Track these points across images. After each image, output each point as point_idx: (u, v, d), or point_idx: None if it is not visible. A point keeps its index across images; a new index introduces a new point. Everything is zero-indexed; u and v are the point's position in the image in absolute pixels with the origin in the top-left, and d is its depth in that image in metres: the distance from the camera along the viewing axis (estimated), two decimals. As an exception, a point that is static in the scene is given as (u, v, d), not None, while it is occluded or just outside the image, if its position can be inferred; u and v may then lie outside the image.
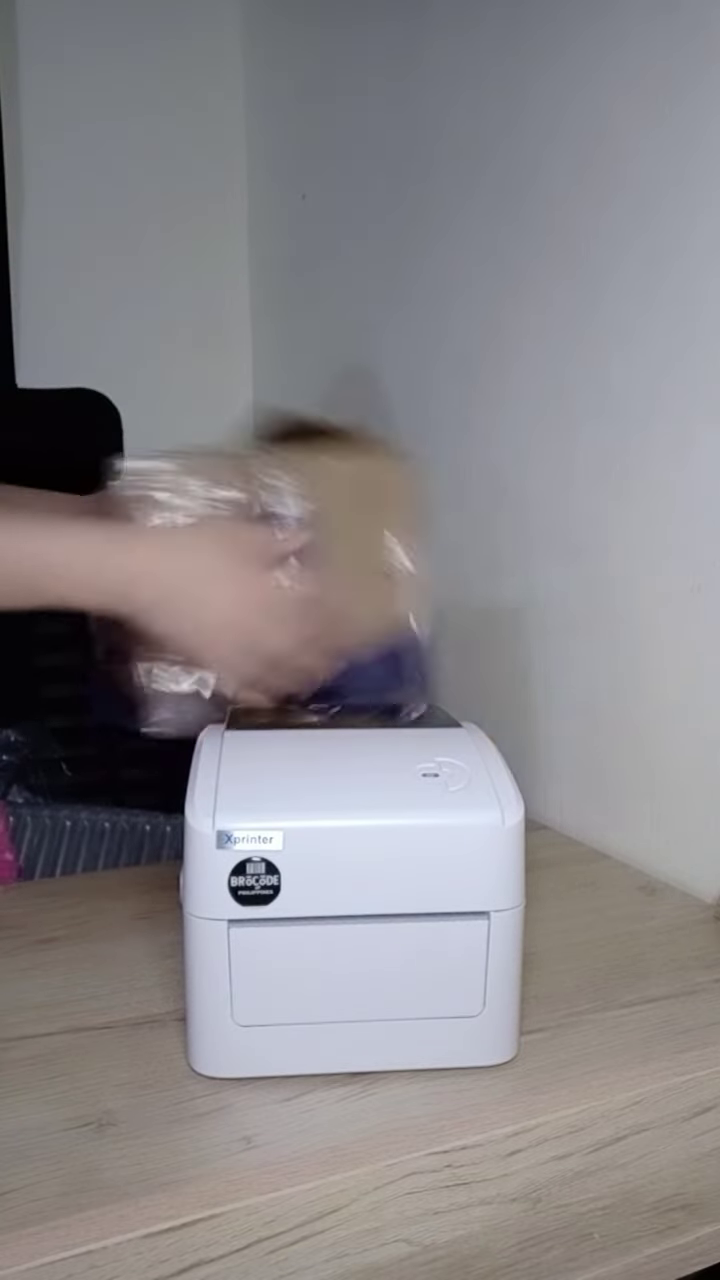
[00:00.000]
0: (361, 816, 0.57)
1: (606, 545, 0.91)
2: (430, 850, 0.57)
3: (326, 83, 1.26)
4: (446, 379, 1.10)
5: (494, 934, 0.57)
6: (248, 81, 1.42)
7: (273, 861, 0.55)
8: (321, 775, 0.61)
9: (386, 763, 0.62)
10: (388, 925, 0.57)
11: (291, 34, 1.33)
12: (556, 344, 0.95)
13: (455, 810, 0.58)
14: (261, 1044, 0.58)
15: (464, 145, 1.04)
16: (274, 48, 1.37)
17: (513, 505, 1.02)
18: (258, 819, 0.56)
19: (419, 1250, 0.54)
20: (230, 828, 0.56)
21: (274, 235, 1.41)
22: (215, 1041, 0.58)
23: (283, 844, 0.56)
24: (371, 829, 0.57)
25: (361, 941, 0.57)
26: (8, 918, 0.78)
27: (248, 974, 0.57)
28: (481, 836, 0.57)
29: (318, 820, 0.57)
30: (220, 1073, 0.58)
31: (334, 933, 0.57)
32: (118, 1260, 0.47)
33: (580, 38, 0.89)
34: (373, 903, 0.57)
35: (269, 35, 1.37)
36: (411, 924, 0.57)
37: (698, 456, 0.81)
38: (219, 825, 0.56)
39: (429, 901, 0.57)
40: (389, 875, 0.57)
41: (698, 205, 0.79)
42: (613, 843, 0.92)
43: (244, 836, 0.56)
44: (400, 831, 0.57)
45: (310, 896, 0.56)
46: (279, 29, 1.35)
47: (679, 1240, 0.58)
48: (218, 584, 0.67)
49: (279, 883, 0.56)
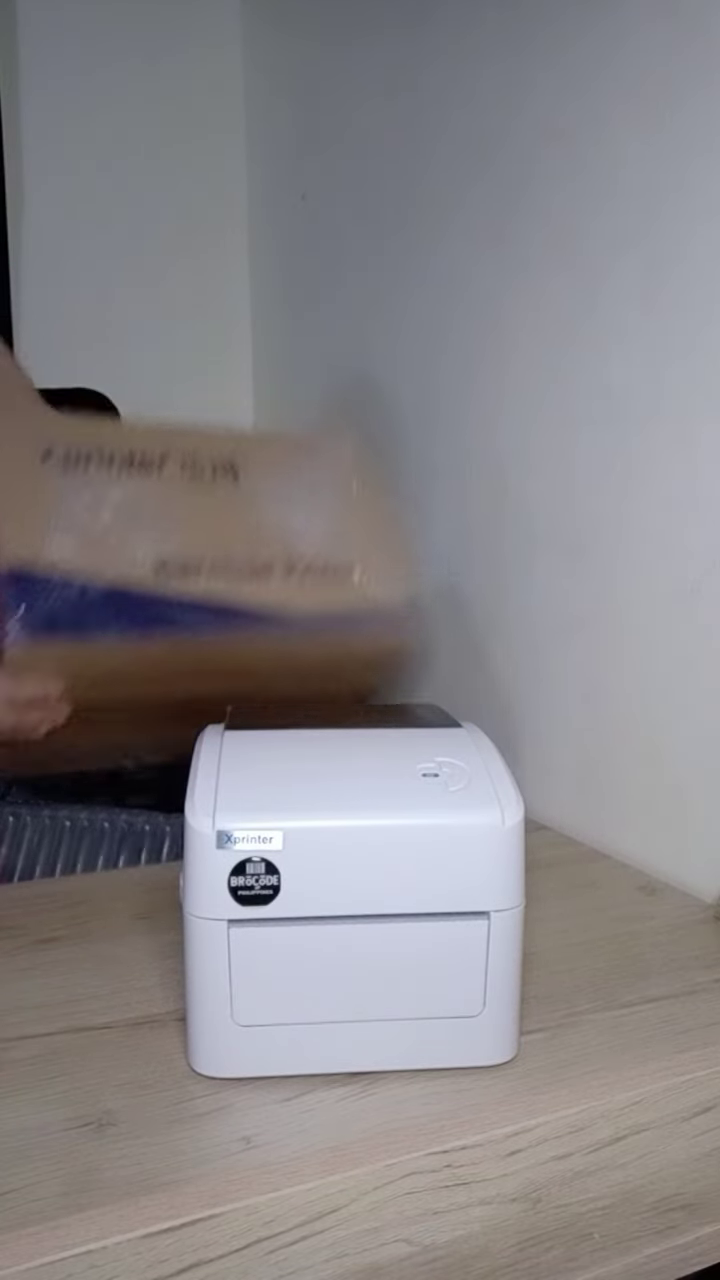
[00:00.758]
0: (361, 816, 0.57)
1: (606, 545, 0.91)
2: (430, 850, 0.57)
3: (326, 84, 1.26)
4: (446, 378, 1.10)
5: (494, 934, 0.57)
6: (247, 82, 1.42)
7: (272, 861, 0.55)
8: (321, 775, 0.61)
9: (386, 763, 0.62)
10: (388, 925, 0.57)
11: (291, 35, 1.33)
12: (557, 343, 0.95)
13: (455, 810, 0.58)
14: (261, 1044, 0.58)
15: (464, 145, 1.04)
16: (274, 48, 1.37)
17: (513, 504, 1.02)
18: (258, 819, 0.56)
19: (419, 1250, 0.54)
20: (230, 828, 0.56)
21: (274, 235, 1.41)
22: (215, 1041, 0.58)
23: (283, 844, 0.56)
24: (371, 829, 0.57)
25: (361, 941, 0.57)
26: (8, 918, 0.78)
27: (248, 974, 0.57)
28: (481, 836, 0.57)
29: (318, 820, 0.57)
30: (220, 1073, 0.58)
31: (334, 933, 0.57)
32: (117, 1260, 0.47)
33: (579, 38, 0.89)
34: (373, 903, 0.57)
35: (269, 36, 1.37)
36: (411, 924, 0.57)
37: (698, 456, 0.81)
38: (219, 825, 0.56)
39: (429, 901, 0.57)
40: (389, 875, 0.57)
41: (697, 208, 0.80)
42: (613, 843, 0.92)
43: (244, 836, 0.56)
44: (400, 831, 0.57)
45: (310, 896, 0.56)
46: (279, 30, 1.35)
47: (679, 1240, 0.58)
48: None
49: (279, 883, 0.56)
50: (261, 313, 1.47)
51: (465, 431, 1.08)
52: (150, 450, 0.85)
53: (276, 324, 1.44)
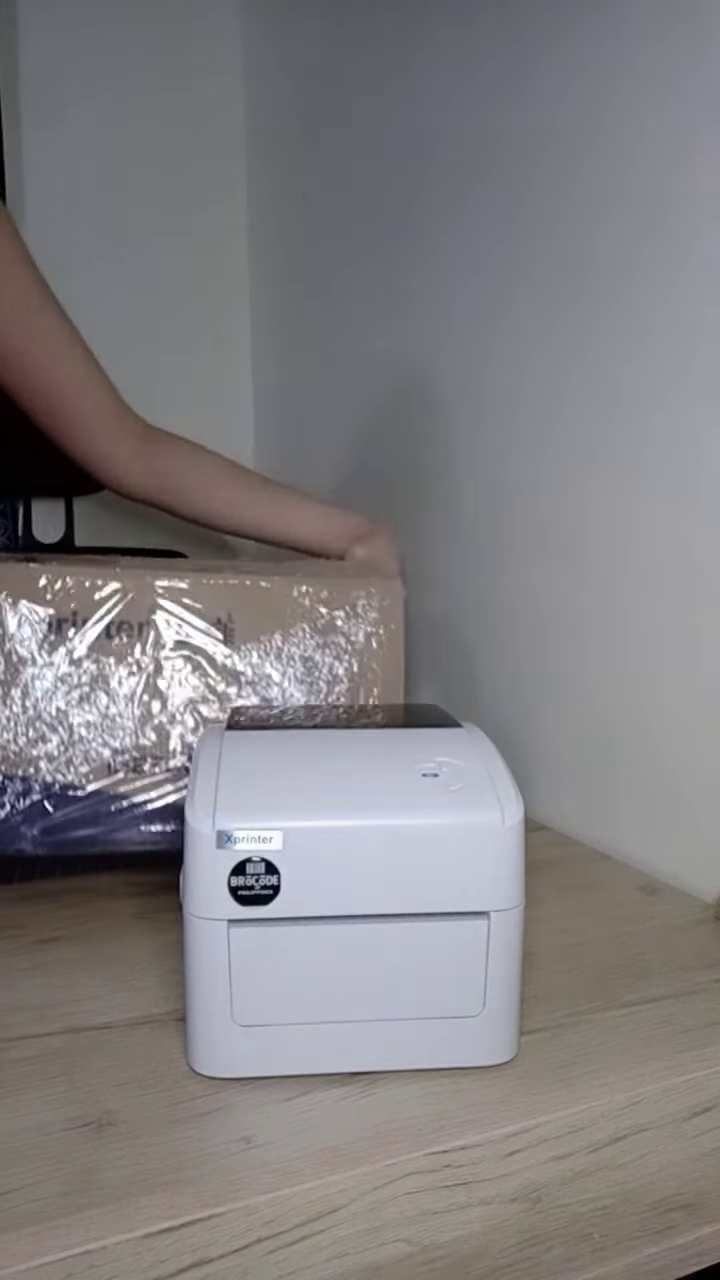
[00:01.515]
0: (361, 816, 0.57)
1: (606, 545, 0.91)
2: (430, 850, 0.57)
3: (326, 83, 1.26)
4: (446, 378, 1.10)
5: (494, 934, 0.57)
6: (247, 82, 1.42)
7: (272, 861, 0.55)
8: (321, 775, 0.61)
9: (386, 763, 0.62)
10: (388, 925, 0.57)
11: (291, 34, 1.33)
12: (557, 341, 0.95)
13: (455, 810, 0.57)
14: (262, 1044, 0.58)
15: (464, 144, 1.04)
16: (273, 48, 1.37)
17: (512, 504, 1.02)
18: (257, 819, 0.56)
19: (419, 1250, 0.54)
20: (230, 828, 0.56)
21: (274, 235, 1.41)
22: (215, 1042, 0.58)
23: (283, 844, 0.56)
24: (371, 829, 0.57)
25: (361, 941, 0.57)
26: (8, 918, 0.78)
27: (248, 974, 0.57)
28: (481, 836, 0.57)
29: (317, 820, 0.57)
30: (220, 1073, 0.58)
31: (334, 933, 0.57)
32: (117, 1260, 0.47)
33: (580, 35, 0.89)
34: (372, 903, 0.57)
35: (268, 36, 1.37)
36: (411, 924, 0.57)
37: (698, 456, 0.81)
38: (219, 825, 0.56)
39: (429, 901, 0.57)
40: (389, 875, 0.56)
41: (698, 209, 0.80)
42: (613, 843, 0.92)
43: (244, 836, 0.56)
44: (400, 831, 0.57)
45: (310, 896, 0.56)
46: (278, 30, 1.35)
47: (679, 1240, 0.58)
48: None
49: (279, 883, 0.56)
50: (261, 313, 1.47)
51: (465, 428, 1.08)
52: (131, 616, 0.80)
53: (276, 324, 1.44)
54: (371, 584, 0.86)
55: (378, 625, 0.85)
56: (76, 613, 0.79)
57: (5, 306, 0.94)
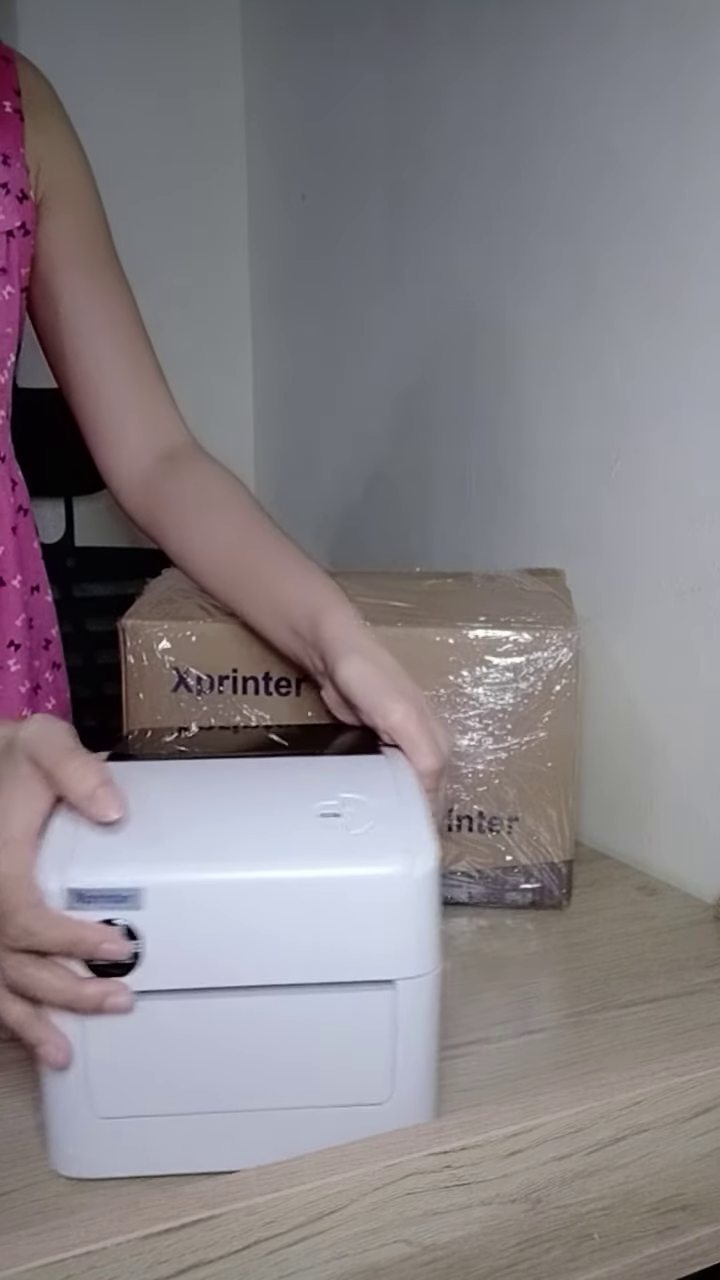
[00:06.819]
0: (240, 868, 0.49)
1: (605, 545, 0.91)
2: (323, 907, 0.49)
3: (326, 83, 1.26)
4: (446, 378, 1.10)
5: (402, 1006, 0.50)
6: (247, 82, 1.42)
7: (133, 925, 0.48)
8: (201, 816, 0.52)
9: (282, 799, 0.54)
10: (273, 997, 0.49)
11: (291, 35, 1.33)
12: (556, 341, 0.95)
13: (354, 858, 0.49)
14: (128, 1139, 0.50)
15: (463, 144, 1.04)
16: (273, 49, 1.37)
17: (511, 504, 1.02)
18: (116, 873, 0.48)
19: (419, 1250, 0.53)
20: (84, 886, 0.48)
21: (274, 235, 1.41)
22: (75, 1137, 0.50)
23: (145, 903, 0.48)
24: (252, 883, 0.49)
25: (242, 1017, 0.49)
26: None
27: (107, 1058, 0.49)
28: (385, 890, 0.49)
29: (187, 874, 0.49)
30: (81, 1173, 0.51)
31: (207, 1008, 0.49)
32: (117, 1261, 0.47)
33: (580, 33, 0.88)
34: (254, 972, 0.49)
35: (268, 36, 1.37)
36: (301, 996, 0.49)
37: (698, 456, 0.81)
38: (70, 882, 0.48)
39: (322, 969, 0.49)
40: (274, 938, 0.49)
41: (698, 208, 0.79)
42: (613, 843, 0.92)
43: (98, 896, 0.48)
44: (287, 885, 0.49)
45: (179, 965, 0.48)
46: (278, 30, 1.35)
47: (679, 1240, 0.58)
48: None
49: (141, 949, 0.48)
50: (261, 313, 1.47)
51: (464, 429, 1.08)
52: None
53: (276, 324, 1.44)
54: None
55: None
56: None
57: (80, 272, 0.91)
